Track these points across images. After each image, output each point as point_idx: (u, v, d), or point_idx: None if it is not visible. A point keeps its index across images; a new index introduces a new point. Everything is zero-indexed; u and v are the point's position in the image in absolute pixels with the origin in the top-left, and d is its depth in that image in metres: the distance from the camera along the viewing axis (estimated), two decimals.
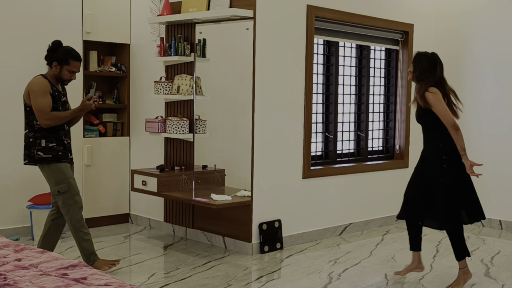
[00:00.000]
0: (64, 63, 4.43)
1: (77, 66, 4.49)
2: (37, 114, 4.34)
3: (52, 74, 4.46)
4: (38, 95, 4.33)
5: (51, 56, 4.46)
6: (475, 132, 6.62)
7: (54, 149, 4.42)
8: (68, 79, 4.49)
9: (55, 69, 4.44)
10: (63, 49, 4.48)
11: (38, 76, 4.46)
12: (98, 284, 2.56)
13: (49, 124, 4.38)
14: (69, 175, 4.45)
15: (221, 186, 5.60)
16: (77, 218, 4.45)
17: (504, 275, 4.72)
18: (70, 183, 4.44)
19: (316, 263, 5.00)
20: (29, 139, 4.42)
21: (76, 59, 4.47)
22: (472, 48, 6.64)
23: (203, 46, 5.51)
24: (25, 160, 4.47)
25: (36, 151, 4.40)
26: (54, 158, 4.42)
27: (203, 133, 5.54)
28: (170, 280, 4.45)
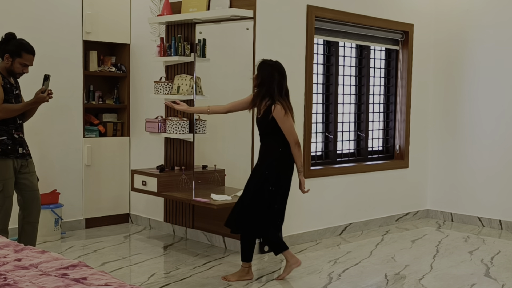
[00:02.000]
0: (16, 55, 4.31)
1: (30, 59, 4.38)
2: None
3: (4, 67, 4.34)
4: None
5: (2, 48, 4.33)
6: (474, 132, 6.63)
7: (4, 142, 4.28)
8: (20, 72, 4.38)
9: (7, 61, 4.32)
10: (16, 41, 4.36)
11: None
12: (98, 284, 2.56)
13: (1, 117, 4.26)
14: (7, 176, 4.31)
15: (221, 186, 5.60)
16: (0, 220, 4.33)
17: (504, 275, 4.72)
18: (6, 184, 4.30)
19: (316, 263, 5.00)
20: None
21: (29, 52, 4.37)
22: (472, 48, 6.64)
23: (203, 46, 5.51)
24: None
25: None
26: (3, 152, 4.28)
27: (203, 133, 5.54)
28: (170, 280, 4.45)
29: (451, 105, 6.80)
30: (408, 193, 6.80)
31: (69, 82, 5.89)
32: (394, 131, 6.76)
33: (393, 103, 6.75)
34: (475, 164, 6.61)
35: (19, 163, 4.41)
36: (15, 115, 4.37)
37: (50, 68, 5.74)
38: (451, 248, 5.55)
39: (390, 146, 6.78)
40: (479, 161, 6.60)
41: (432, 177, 6.97)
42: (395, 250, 5.48)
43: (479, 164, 6.58)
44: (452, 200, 6.81)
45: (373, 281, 4.59)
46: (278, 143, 4.41)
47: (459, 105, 6.73)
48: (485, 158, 6.56)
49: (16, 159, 4.37)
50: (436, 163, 6.94)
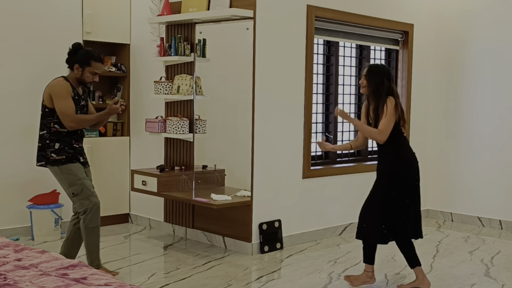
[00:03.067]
0: (86, 64, 4.36)
1: (99, 67, 4.42)
2: (62, 117, 4.28)
3: (74, 77, 4.39)
4: (60, 97, 4.27)
5: (71, 59, 4.39)
6: (474, 132, 6.62)
7: (67, 151, 4.37)
8: (90, 81, 4.42)
9: (77, 71, 4.37)
10: (84, 50, 4.43)
11: (59, 78, 4.40)
12: (98, 284, 2.56)
13: (74, 127, 4.33)
14: (81, 176, 4.38)
15: (221, 186, 5.60)
16: (91, 218, 4.36)
17: (504, 275, 4.72)
18: (83, 184, 4.36)
19: (316, 263, 5.00)
20: (45, 141, 4.37)
21: (98, 60, 4.41)
22: (472, 48, 6.64)
23: (203, 46, 5.51)
24: (40, 161, 4.40)
25: (50, 153, 4.34)
26: (68, 159, 4.36)
27: (203, 133, 5.54)
28: (170, 280, 4.45)
29: (451, 105, 6.80)
30: None
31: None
32: None
33: None
34: (475, 164, 6.61)
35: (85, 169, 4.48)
36: (87, 126, 4.47)
37: (50, 68, 5.75)
38: (451, 248, 5.55)
39: None
40: (479, 161, 6.60)
41: (432, 177, 6.97)
42: (395, 250, 5.46)
43: (479, 164, 6.58)
44: (452, 200, 6.81)
45: None
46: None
47: (459, 105, 6.73)
48: (485, 158, 6.56)
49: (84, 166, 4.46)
50: (436, 163, 6.94)
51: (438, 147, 6.94)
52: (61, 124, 4.34)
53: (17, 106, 5.59)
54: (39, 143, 4.43)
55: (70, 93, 4.32)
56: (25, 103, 5.62)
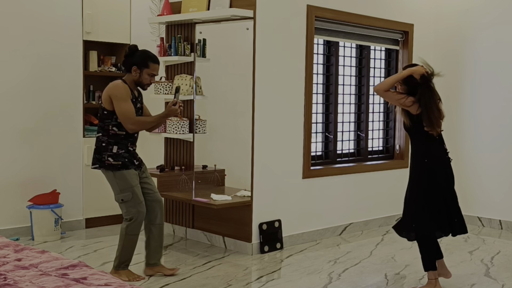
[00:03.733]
0: (144, 66, 4.33)
1: (157, 69, 4.41)
2: (122, 119, 4.25)
3: (132, 79, 4.36)
4: (121, 100, 4.25)
5: (129, 61, 4.35)
6: (474, 131, 6.62)
7: (123, 156, 4.35)
8: (148, 82, 4.39)
9: (135, 73, 4.34)
10: (141, 52, 4.40)
11: (118, 80, 4.36)
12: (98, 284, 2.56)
13: (134, 129, 4.33)
14: (133, 184, 4.36)
15: (221, 186, 5.60)
16: (134, 227, 4.38)
17: (504, 275, 4.72)
18: (134, 192, 4.35)
19: (316, 263, 5.00)
20: (102, 143, 4.34)
21: (155, 62, 4.39)
22: (472, 48, 6.64)
23: (203, 46, 5.52)
24: (95, 164, 4.37)
25: (106, 156, 4.31)
26: (123, 165, 4.34)
27: (203, 133, 5.54)
28: (170, 280, 4.45)
29: (451, 105, 6.80)
30: None
31: (69, 82, 5.89)
32: (394, 131, 6.76)
33: None
34: (475, 164, 6.61)
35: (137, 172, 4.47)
36: (147, 128, 4.47)
37: (50, 68, 5.75)
38: (451, 248, 5.55)
39: (390, 146, 6.78)
40: (479, 161, 6.60)
41: None
42: (395, 250, 5.48)
43: (479, 163, 6.58)
44: None
45: (373, 281, 4.59)
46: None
47: (459, 105, 6.73)
48: (485, 158, 6.56)
49: (138, 169, 4.45)
50: None
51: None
52: (120, 127, 4.31)
53: (17, 106, 5.59)
54: (95, 146, 4.39)
55: (129, 95, 4.31)
56: (25, 103, 5.62)
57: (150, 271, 4.55)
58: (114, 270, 4.42)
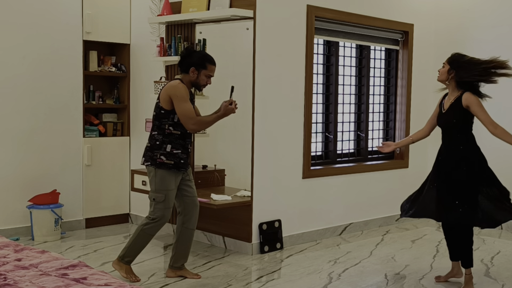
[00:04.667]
0: (202, 67, 4.34)
1: (214, 70, 4.42)
2: (184, 119, 4.26)
3: (189, 80, 4.37)
4: (182, 100, 4.25)
5: (187, 62, 4.36)
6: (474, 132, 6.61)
7: (178, 156, 4.34)
8: (205, 83, 4.40)
9: (193, 74, 4.35)
10: (199, 53, 4.42)
11: (176, 81, 4.36)
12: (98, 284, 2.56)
13: (195, 129, 4.34)
14: (170, 187, 4.34)
15: (221, 186, 5.60)
16: (153, 228, 4.38)
17: (504, 275, 4.72)
18: (168, 195, 4.34)
19: (316, 263, 5.00)
20: (156, 142, 4.35)
21: (213, 63, 4.40)
22: (472, 48, 6.62)
23: (203, 46, 5.51)
24: (147, 161, 4.38)
25: (159, 155, 4.31)
26: (175, 165, 4.33)
27: (203, 133, 5.54)
28: (170, 280, 4.45)
29: None
30: (408, 193, 6.77)
31: (69, 82, 5.89)
32: (394, 131, 6.76)
33: (393, 103, 6.75)
34: None
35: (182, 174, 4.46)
36: (206, 128, 4.48)
37: (50, 68, 5.76)
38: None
39: None
40: None
41: None
42: (395, 250, 5.48)
43: None
44: None
45: (373, 281, 4.59)
46: None
47: None
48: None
49: (184, 172, 4.44)
50: None
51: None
52: (175, 126, 4.32)
53: (18, 106, 5.59)
54: (148, 143, 4.41)
55: (188, 95, 4.32)
56: (26, 103, 5.62)
57: (172, 274, 4.54)
58: (117, 260, 4.42)
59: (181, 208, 4.52)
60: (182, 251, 4.54)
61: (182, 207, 4.51)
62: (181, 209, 4.51)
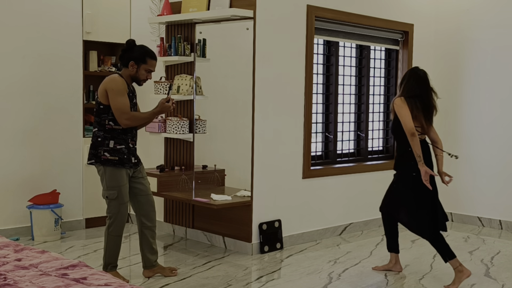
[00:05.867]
0: (141, 62, 4.29)
1: (154, 65, 4.37)
2: (117, 113, 4.20)
3: (128, 74, 4.32)
4: (117, 94, 4.19)
5: (126, 56, 4.31)
6: (473, 131, 6.62)
7: (121, 151, 4.29)
8: (144, 78, 4.36)
9: (132, 68, 4.30)
10: (139, 47, 4.35)
11: (115, 74, 4.32)
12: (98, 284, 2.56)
13: (129, 124, 4.27)
14: (122, 183, 4.30)
15: (221, 186, 5.60)
16: (116, 227, 4.35)
17: (504, 275, 4.72)
18: (120, 191, 4.30)
19: (316, 263, 5.00)
20: (97, 139, 4.28)
21: (153, 58, 4.35)
22: (472, 48, 6.64)
23: (203, 46, 5.52)
24: (90, 159, 4.32)
25: (102, 151, 4.26)
26: (120, 161, 4.29)
27: (203, 133, 5.54)
28: (170, 280, 4.45)
29: (451, 105, 6.80)
30: None
31: (69, 82, 5.89)
32: None
33: None
34: (475, 164, 6.61)
35: (132, 171, 4.41)
36: (140, 123, 4.40)
37: (50, 67, 5.76)
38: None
39: (390, 146, 6.77)
40: (479, 161, 6.60)
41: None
42: None
43: (479, 164, 6.58)
44: (452, 200, 6.81)
45: (373, 281, 4.59)
46: None
47: (459, 105, 6.73)
48: (485, 158, 6.56)
49: (129, 168, 4.38)
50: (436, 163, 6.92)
51: None
52: (116, 121, 4.26)
53: (17, 106, 5.59)
54: (91, 141, 4.35)
55: (126, 90, 4.26)
56: (26, 103, 5.62)
57: (149, 273, 4.54)
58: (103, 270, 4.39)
59: (136, 207, 4.47)
60: (149, 250, 4.51)
61: (137, 206, 4.47)
62: (136, 208, 4.47)
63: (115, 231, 4.36)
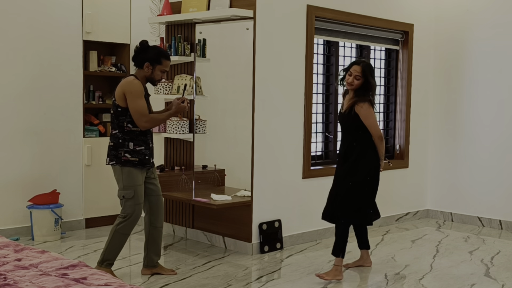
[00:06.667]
0: (157, 63, 4.29)
1: (169, 65, 4.38)
2: (136, 116, 4.21)
3: (143, 76, 4.32)
4: (136, 97, 4.21)
5: (141, 57, 4.31)
6: (474, 132, 6.62)
7: (142, 152, 4.31)
8: (159, 79, 4.36)
9: (147, 70, 4.30)
10: (154, 48, 4.36)
11: (131, 77, 4.32)
12: (98, 284, 2.56)
13: (147, 127, 4.28)
14: (138, 183, 4.32)
15: (221, 186, 5.60)
16: (126, 226, 4.35)
17: (504, 275, 4.72)
18: (137, 191, 4.32)
19: (316, 263, 5.00)
20: (118, 140, 4.30)
21: (168, 58, 4.35)
22: (472, 48, 6.64)
23: (203, 46, 5.52)
24: (112, 161, 4.33)
25: (123, 152, 4.28)
26: (140, 162, 4.31)
27: (203, 133, 5.54)
28: (170, 280, 4.46)
29: (451, 105, 6.80)
30: (408, 193, 6.80)
31: (69, 82, 5.89)
32: (394, 131, 6.76)
33: (393, 103, 6.76)
34: (475, 164, 6.61)
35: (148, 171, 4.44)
36: (159, 124, 4.40)
37: (50, 67, 5.76)
38: (451, 248, 5.55)
39: (390, 146, 6.77)
40: (479, 161, 6.60)
41: (432, 177, 6.97)
42: (395, 250, 5.48)
43: (479, 164, 6.58)
44: (452, 200, 6.81)
45: (373, 281, 4.59)
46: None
47: (459, 105, 6.73)
48: (485, 158, 6.56)
49: (148, 169, 4.41)
50: (436, 163, 6.94)
51: (438, 147, 6.94)
52: (134, 123, 4.27)
53: (18, 106, 5.59)
54: (111, 142, 4.36)
55: (143, 92, 4.28)
56: (26, 103, 5.62)
57: (147, 271, 4.55)
58: (98, 266, 4.39)
59: (146, 207, 4.50)
60: (154, 250, 4.53)
61: (148, 206, 4.49)
62: (147, 208, 4.49)
63: (125, 229, 4.37)
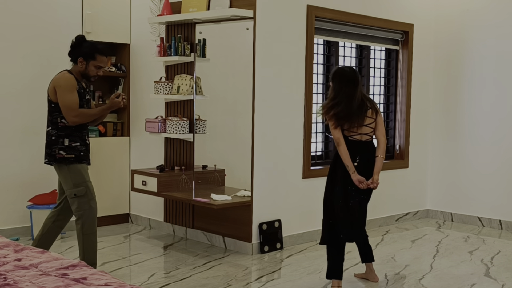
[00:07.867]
0: (90, 58, 4.21)
1: (104, 61, 4.29)
2: (65, 111, 4.12)
3: (78, 71, 4.25)
4: (65, 91, 4.12)
5: (75, 52, 4.24)
6: (474, 132, 6.62)
7: (77, 149, 4.22)
8: (94, 75, 4.28)
9: (81, 65, 4.22)
10: (88, 43, 4.28)
11: (63, 71, 4.26)
12: (98, 284, 2.56)
13: (77, 122, 4.18)
14: (87, 178, 4.25)
15: (221, 186, 5.60)
16: (89, 224, 4.26)
17: (504, 275, 4.72)
18: (88, 187, 4.24)
19: (316, 263, 5.00)
20: (51, 137, 4.21)
21: (102, 54, 4.26)
22: (472, 48, 6.64)
23: (203, 46, 5.51)
24: (45, 159, 4.25)
25: (57, 150, 4.18)
26: (77, 158, 4.22)
27: (203, 133, 5.54)
28: (170, 280, 4.46)
29: (451, 105, 6.81)
30: (408, 193, 6.80)
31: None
32: (394, 131, 6.76)
33: (393, 103, 6.75)
34: (475, 164, 6.61)
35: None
36: (90, 120, 4.31)
37: (50, 67, 5.75)
38: (451, 248, 5.55)
39: (390, 146, 6.77)
40: (479, 161, 6.60)
41: (432, 177, 6.97)
42: (395, 250, 5.48)
43: (479, 164, 6.58)
44: (452, 200, 6.81)
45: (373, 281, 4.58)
46: None
47: (459, 105, 6.73)
48: (485, 158, 6.56)
49: (88, 164, 4.33)
50: (436, 163, 6.94)
51: (438, 147, 6.94)
52: None
53: (17, 106, 5.59)
54: (45, 140, 4.27)
55: (75, 86, 4.18)
56: (25, 103, 5.63)
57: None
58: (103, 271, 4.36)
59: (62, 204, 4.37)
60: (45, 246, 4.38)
61: (63, 204, 4.37)
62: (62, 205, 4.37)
63: (89, 228, 4.26)
